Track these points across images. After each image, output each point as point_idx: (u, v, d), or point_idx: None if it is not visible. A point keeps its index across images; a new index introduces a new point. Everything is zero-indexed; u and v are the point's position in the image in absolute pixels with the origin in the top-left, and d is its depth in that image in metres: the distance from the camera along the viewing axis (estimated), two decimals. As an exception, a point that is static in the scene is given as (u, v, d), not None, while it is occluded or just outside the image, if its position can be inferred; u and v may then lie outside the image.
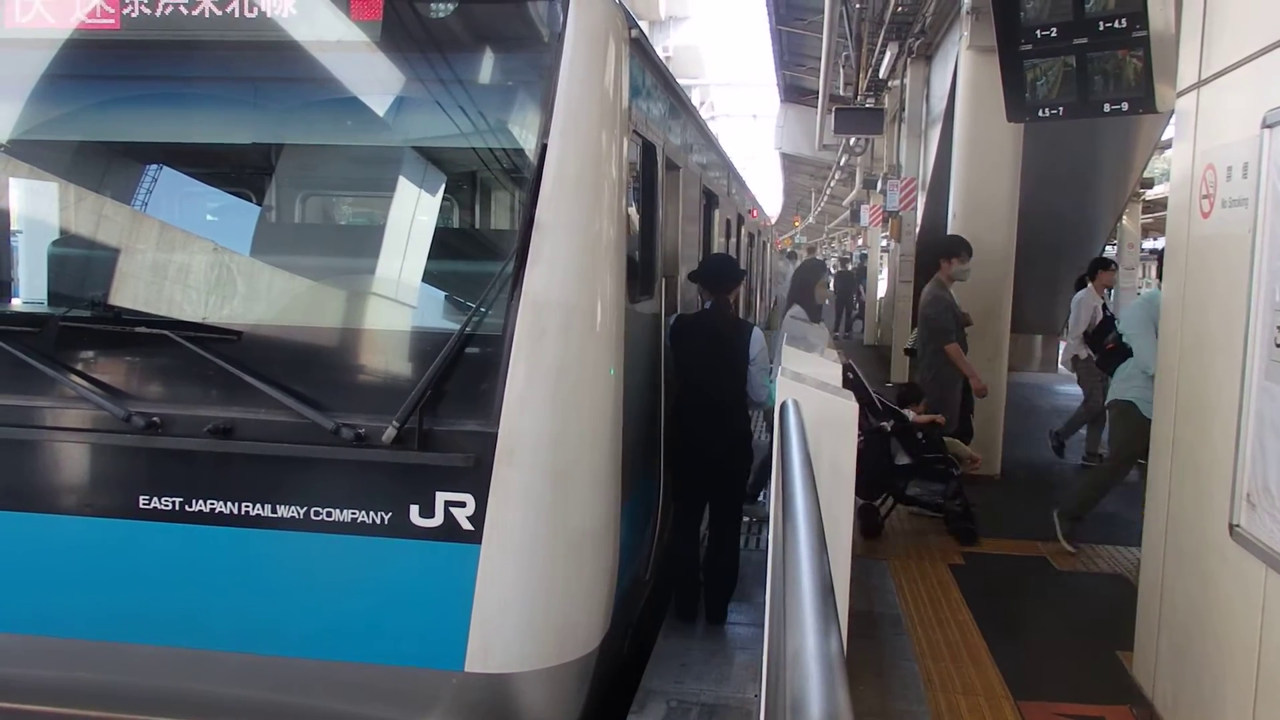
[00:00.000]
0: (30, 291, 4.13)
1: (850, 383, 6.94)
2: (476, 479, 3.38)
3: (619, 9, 3.74)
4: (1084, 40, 5.28)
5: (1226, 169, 3.77)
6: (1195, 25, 4.15)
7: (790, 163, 36.80)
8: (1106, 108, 5.34)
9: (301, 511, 3.48)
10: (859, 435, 7.03)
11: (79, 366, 3.68)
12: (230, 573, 3.57)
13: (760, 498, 7.16)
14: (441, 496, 3.40)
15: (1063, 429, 9.89)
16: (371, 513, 3.45)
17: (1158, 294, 5.44)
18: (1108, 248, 17.49)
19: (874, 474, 6.89)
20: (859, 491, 7.09)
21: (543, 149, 3.47)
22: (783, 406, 3.49)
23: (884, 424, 6.91)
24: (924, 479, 6.95)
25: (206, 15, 3.60)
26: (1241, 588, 3.55)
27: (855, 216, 26.87)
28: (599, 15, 3.59)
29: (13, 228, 4.10)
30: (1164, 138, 13.18)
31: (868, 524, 7.02)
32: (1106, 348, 8.37)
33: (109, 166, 4.25)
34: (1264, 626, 3.37)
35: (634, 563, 4.39)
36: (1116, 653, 4.96)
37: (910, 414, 7.07)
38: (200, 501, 3.52)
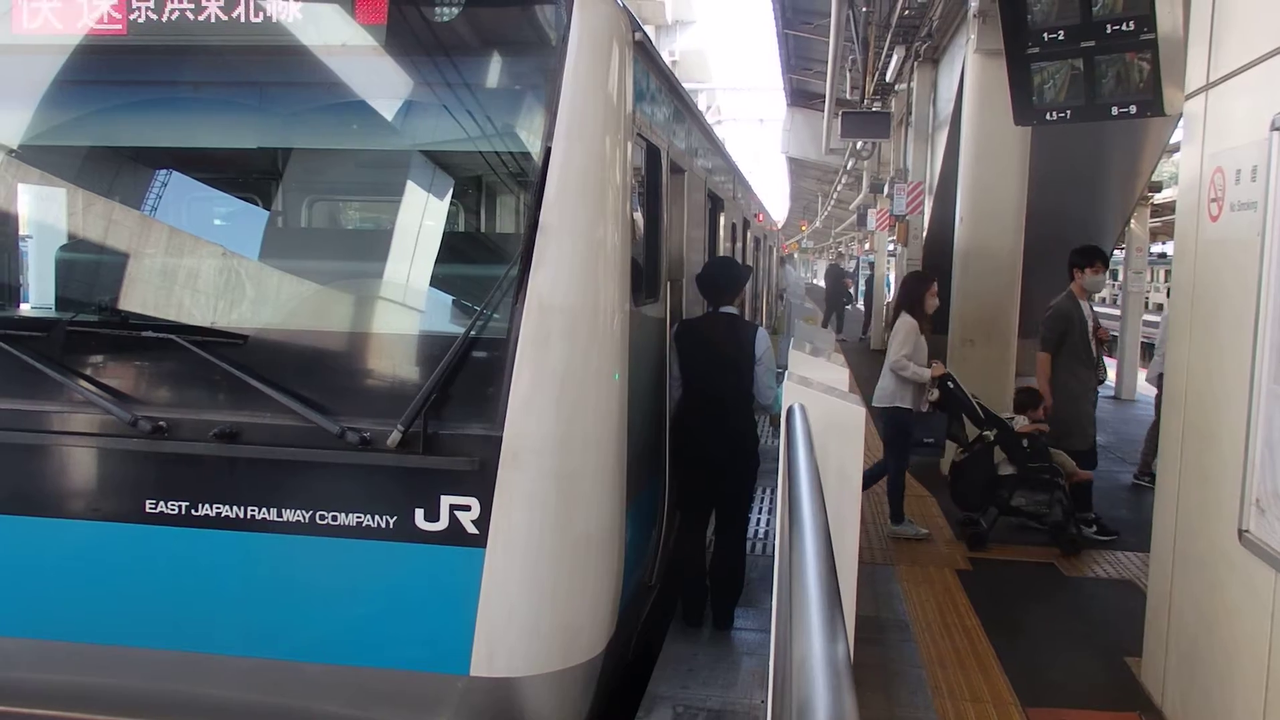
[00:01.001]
0: (38, 296, 4.14)
1: (950, 392, 6.83)
2: (481, 482, 3.37)
3: (622, 12, 3.74)
4: (1091, 43, 5.27)
5: (1235, 172, 3.76)
6: (1203, 28, 4.14)
7: (797, 167, 36.80)
8: (1114, 111, 5.33)
9: (307, 515, 3.48)
10: (960, 449, 6.95)
11: (86, 371, 3.68)
12: (236, 577, 3.56)
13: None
14: (446, 500, 3.40)
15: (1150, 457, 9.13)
16: (376, 516, 3.44)
17: None
18: (1115, 252, 17.44)
19: (977, 485, 6.78)
20: (960, 503, 6.93)
21: (547, 152, 3.47)
22: (789, 411, 3.49)
23: (986, 433, 6.76)
24: (1029, 489, 6.76)
25: (212, 20, 3.61)
26: (1251, 593, 3.52)
27: (862, 220, 26.84)
28: (602, 18, 3.59)
29: (22, 233, 4.11)
30: (1172, 141, 13.14)
31: (972, 536, 6.86)
32: None
33: (117, 172, 4.26)
34: (1273, 633, 3.35)
35: (639, 567, 4.38)
36: (1125, 659, 4.93)
37: (1020, 421, 6.92)
38: (206, 505, 3.52)
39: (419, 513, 3.42)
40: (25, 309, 4.12)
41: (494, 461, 3.36)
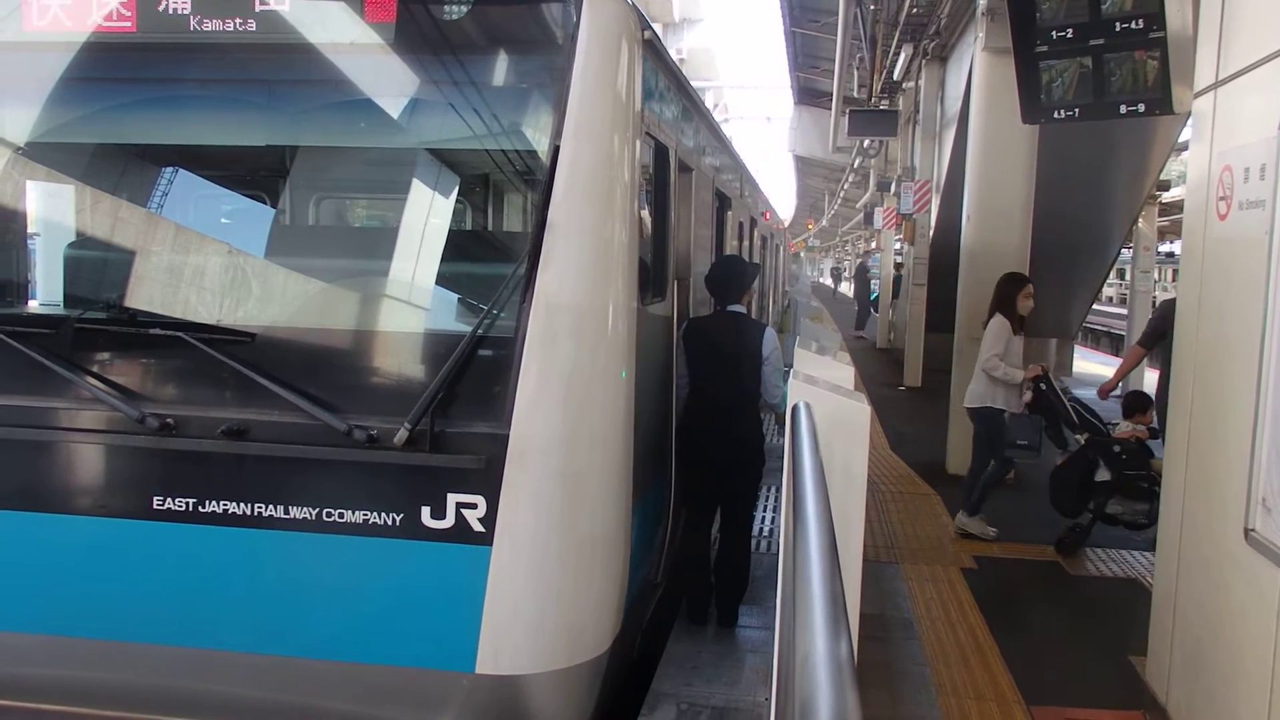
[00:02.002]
0: (47, 294, 4.16)
1: (1042, 394, 6.67)
2: (488, 481, 3.38)
3: (632, 10, 3.74)
4: (1100, 41, 5.25)
5: (1244, 170, 3.75)
6: (1213, 26, 4.13)
7: (804, 165, 36.74)
8: (1123, 109, 5.31)
9: (314, 513, 3.49)
10: (1061, 453, 6.76)
11: (94, 368, 3.69)
12: (243, 573, 3.58)
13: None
14: (453, 498, 3.41)
15: None
16: (383, 514, 3.45)
17: None
18: (1123, 251, 17.39)
19: (1071, 490, 6.63)
20: (1057, 508, 6.72)
21: (555, 151, 3.47)
22: (794, 409, 3.49)
23: (1078, 437, 6.63)
24: (1126, 497, 6.52)
25: (220, 18, 3.62)
26: (1256, 592, 3.52)
27: (869, 219, 26.78)
28: (611, 17, 3.59)
29: (30, 230, 4.12)
30: (1180, 139, 13.10)
31: (1063, 541, 6.70)
32: None
33: (124, 169, 4.27)
34: (1278, 631, 3.34)
35: (644, 565, 4.39)
36: (1130, 658, 4.93)
37: (1124, 426, 6.76)
38: (213, 502, 3.54)
39: (425, 510, 3.42)
40: (34, 306, 4.13)
41: (500, 460, 3.37)
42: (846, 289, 54.99)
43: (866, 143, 21.67)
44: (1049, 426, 6.77)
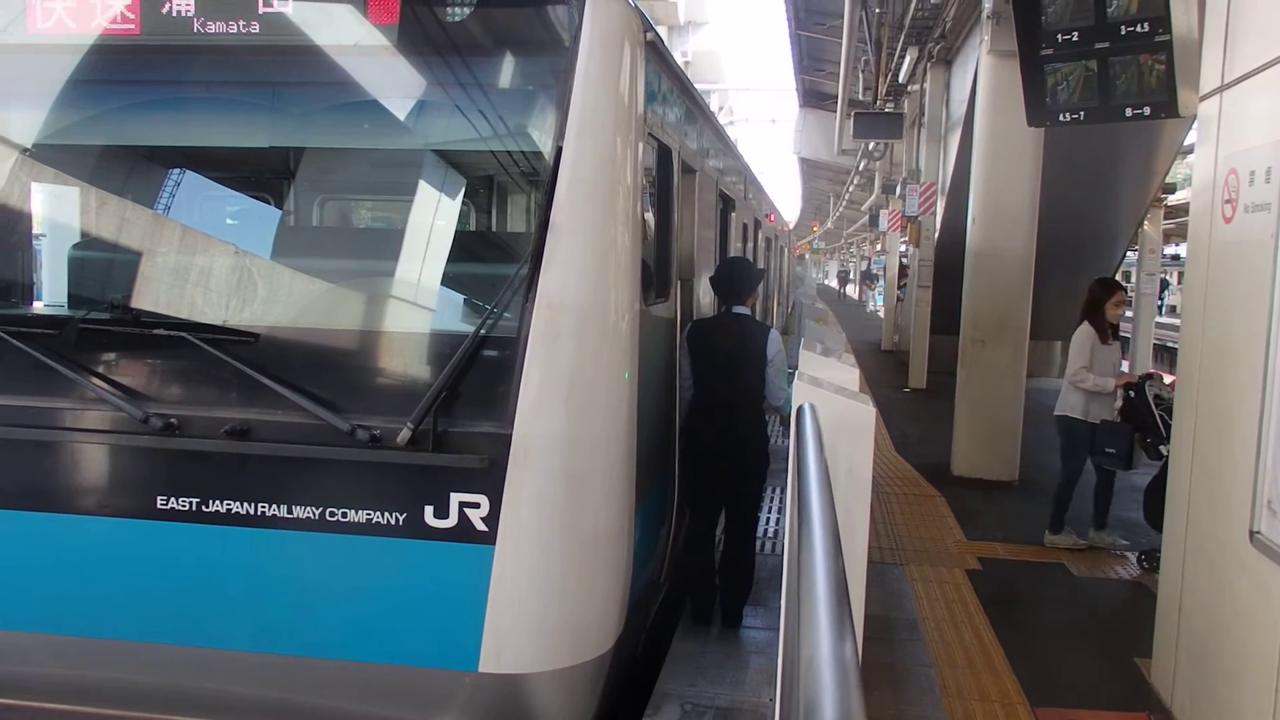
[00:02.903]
0: (52, 294, 4.17)
1: (1130, 401, 6.47)
2: (491, 480, 3.39)
3: (634, 12, 3.74)
4: (1106, 44, 5.25)
5: (1249, 173, 3.74)
6: (1218, 29, 4.12)
7: (809, 167, 36.79)
8: (1128, 112, 5.31)
9: (317, 512, 3.49)
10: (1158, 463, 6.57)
11: (98, 368, 3.70)
12: (246, 573, 3.58)
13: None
14: (456, 497, 3.41)
15: None
16: (386, 513, 3.46)
17: None
18: (1128, 253, 17.36)
19: (1159, 504, 6.48)
20: (1150, 523, 6.36)
21: (558, 152, 3.48)
22: (800, 410, 3.48)
23: (1163, 449, 6.32)
24: None
25: (225, 19, 3.63)
26: (1261, 594, 3.51)
27: (874, 221, 26.78)
28: (614, 18, 3.59)
29: (35, 231, 4.14)
30: (1186, 142, 13.09)
31: (1141, 552, 6.53)
32: None
33: (130, 170, 4.28)
34: (1285, 635, 3.34)
35: (648, 565, 4.39)
36: (1135, 659, 4.92)
37: None
38: (217, 502, 3.55)
39: (428, 510, 3.43)
40: (39, 307, 4.15)
41: (503, 459, 3.37)
42: (853, 291, 54.97)
43: (871, 145, 21.65)
44: (1143, 436, 6.51)
